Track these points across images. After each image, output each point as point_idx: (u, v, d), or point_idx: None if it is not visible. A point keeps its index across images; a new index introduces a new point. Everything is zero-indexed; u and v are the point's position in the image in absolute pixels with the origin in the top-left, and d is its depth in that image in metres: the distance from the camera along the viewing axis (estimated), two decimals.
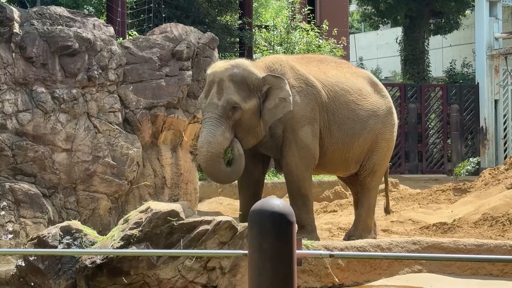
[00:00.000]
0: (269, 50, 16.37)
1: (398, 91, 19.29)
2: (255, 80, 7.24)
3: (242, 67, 7.25)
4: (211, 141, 7.05)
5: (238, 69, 7.21)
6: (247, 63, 7.38)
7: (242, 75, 7.20)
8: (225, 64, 7.32)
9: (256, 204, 3.10)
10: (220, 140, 7.08)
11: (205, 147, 7.07)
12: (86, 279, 6.24)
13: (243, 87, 7.19)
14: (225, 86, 7.15)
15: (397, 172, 18.29)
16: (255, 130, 7.33)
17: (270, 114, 7.29)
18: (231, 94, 7.12)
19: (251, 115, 7.25)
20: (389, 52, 27.10)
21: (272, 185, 12.47)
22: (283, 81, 7.28)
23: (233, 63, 7.31)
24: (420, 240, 6.92)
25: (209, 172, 7.26)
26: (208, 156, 7.07)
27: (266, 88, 7.27)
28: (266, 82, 7.27)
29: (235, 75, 7.18)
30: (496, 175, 11.68)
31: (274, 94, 7.26)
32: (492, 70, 19.32)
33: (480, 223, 9.14)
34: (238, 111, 7.15)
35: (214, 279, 6.31)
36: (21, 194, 7.85)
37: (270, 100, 7.27)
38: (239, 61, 7.44)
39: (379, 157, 8.06)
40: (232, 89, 7.14)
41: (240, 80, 7.18)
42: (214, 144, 7.05)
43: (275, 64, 7.60)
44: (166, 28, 9.20)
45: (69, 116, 8.31)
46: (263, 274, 2.99)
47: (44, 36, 8.25)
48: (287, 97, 7.25)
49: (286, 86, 7.27)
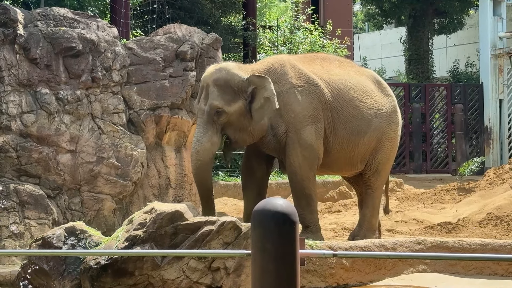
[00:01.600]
0: (273, 51, 16.36)
1: (402, 91, 19.26)
2: (239, 82, 7.27)
3: (225, 70, 7.31)
4: (198, 150, 7.24)
5: (221, 73, 7.28)
6: (232, 66, 7.43)
7: (225, 79, 7.26)
8: (211, 69, 7.41)
9: (259, 204, 3.10)
10: (207, 146, 7.24)
11: (194, 156, 7.29)
12: (91, 280, 6.24)
13: (227, 90, 7.25)
14: (210, 91, 7.25)
15: (401, 171, 18.25)
16: (248, 130, 7.38)
17: (257, 115, 7.34)
18: (213, 99, 7.22)
19: (239, 116, 7.31)
20: (393, 52, 27.07)
21: (276, 185, 12.47)
22: (266, 80, 7.29)
23: (218, 67, 7.39)
24: (424, 240, 6.91)
25: (197, 180, 7.44)
26: (198, 164, 7.28)
27: (251, 88, 7.29)
28: (250, 83, 7.29)
29: (218, 80, 7.26)
30: (500, 174, 11.65)
31: (259, 94, 7.30)
32: (496, 69, 19.27)
33: (484, 222, 9.12)
34: (222, 115, 7.23)
35: (219, 279, 6.31)
36: (26, 195, 7.86)
37: (256, 100, 7.32)
38: (224, 64, 7.51)
39: (384, 157, 8.04)
40: (216, 93, 7.22)
41: (223, 84, 7.25)
42: (201, 152, 7.24)
43: (275, 64, 7.60)
44: (170, 29, 9.21)
45: (73, 117, 8.32)
46: (266, 274, 3.00)
47: (48, 37, 8.26)
48: (271, 96, 7.28)
49: (270, 85, 7.28)
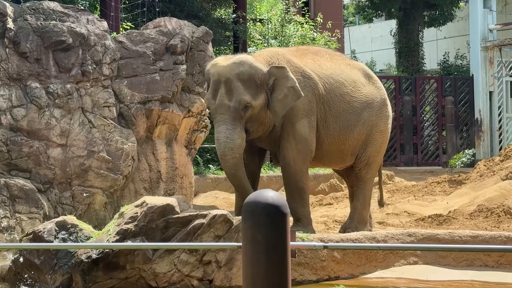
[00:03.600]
0: (263, 44, 16.35)
1: (393, 84, 19.29)
2: (262, 76, 7.25)
3: (248, 64, 7.22)
4: (232, 148, 7.10)
5: (244, 67, 7.19)
6: (251, 59, 7.36)
7: (249, 73, 7.19)
8: (229, 62, 7.25)
9: (250, 196, 3.10)
10: (239, 143, 7.14)
11: (229, 155, 7.12)
12: (82, 274, 6.24)
13: (251, 84, 7.19)
14: (234, 86, 7.13)
15: (392, 164, 18.29)
16: (264, 122, 7.40)
17: (280, 105, 7.32)
18: (242, 95, 7.12)
19: (260, 109, 7.30)
20: (383, 45, 27.08)
21: (267, 178, 12.48)
22: (286, 70, 7.32)
23: (238, 61, 7.24)
24: (415, 232, 6.93)
25: (235, 181, 7.29)
26: (234, 162, 7.15)
27: (272, 80, 7.28)
28: (271, 74, 7.28)
29: (242, 74, 7.16)
30: (491, 166, 11.69)
31: (281, 85, 7.28)
32: (486, 61, 19.31)
33: (475, 214, 9.16)
34: (249, 109, 7.18)
35: (210, 272, 6.32)
36: (16, 190, 7.84)
37: (278, 91, 7.29)
38: (243, 57, 7.38)
39: (374, 149, 8.07)
40: (242, 88, 7.14)
41: (247, 78, 7.18)
42: (236, 150, 7.12)
43: (272, 58, 7.60)
44: (160, 23, 9.18)
45: (63, 111, 8.30)
46: (257, 265, 3.00)
47: (37, 31, 8.23)
48: (294, 85, 7.29)
49: (291, 74, 7.31)
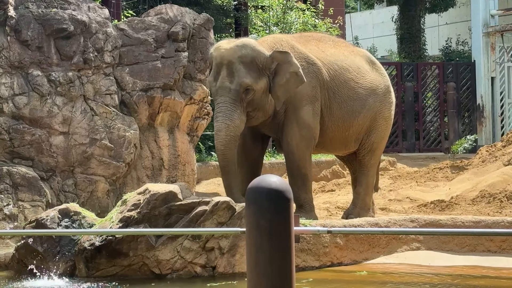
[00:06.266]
0: (265, 31, 16.30)
1: (394, 70, 19.23)
2: (264, 59, 7.23)
3: (250, 47, 7.21)
4: (229, 124, 7.07)
5: (246, 50, 7.17)
6: (254, 42, 7.36)
7: (251, 56, 7.18)
8: (231, 45, 7.24)
9: (253, 182, 3.10)
10: (237, 123, 7.11)
11: (223, 131, 7.08)
12: (85, 261, 6.25)
13: (253, 67, 7.17)
14: (236, 69, 7.12)
15: (394, 150, 18.26)
16: (265, 107, 7.36)
17: (282, 90, 7.29)
18: (243, 77, 7.10)
19: (262, 94, 7.26)
20: (385, 31, 27.00)
21: (270, 165, 12.47)
22: (289, 55, 7.28)
23: (240, 44, 7.24)
24: (418, 218, 6.94)
25: (225, 155, 7.17)
26: (228, 139, 7.10)
27: (275, 65, 7.25)
28: (274, 59, 7.25)
29: (244, 56, 7.15)
30: (493, 152, 11.68)
31: (283, 70, 7.25)
32: (488, 47, 19.24)
33: (477, 200, 9.15)
34: (250, 92, 7.16)
35: (213, 259, 6.33)
36: (19, 178, 7.85)
37: (280, 76, 7.26)
38: (246, 41, 7.39)
39: (378, 136, 8.07)
40: (243, 71, 7.12)
41: (249, 61, 7.16)
42: (232, 128, 7.09)
43: (276, 44, 7.57)
44: (161, 10, 9.17)
45: (65, 99, 8.30)
46: (261, 251, 3.00)
47: (39, 19, 8.22)
48: (297, 70, 7.26)
49: (294, 60, 7.28)
